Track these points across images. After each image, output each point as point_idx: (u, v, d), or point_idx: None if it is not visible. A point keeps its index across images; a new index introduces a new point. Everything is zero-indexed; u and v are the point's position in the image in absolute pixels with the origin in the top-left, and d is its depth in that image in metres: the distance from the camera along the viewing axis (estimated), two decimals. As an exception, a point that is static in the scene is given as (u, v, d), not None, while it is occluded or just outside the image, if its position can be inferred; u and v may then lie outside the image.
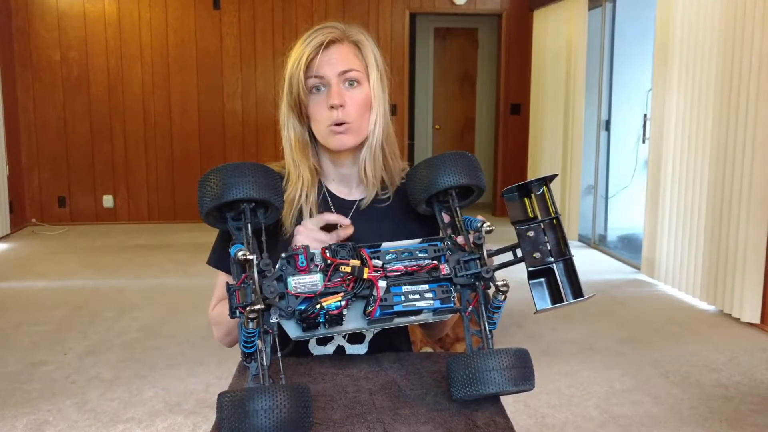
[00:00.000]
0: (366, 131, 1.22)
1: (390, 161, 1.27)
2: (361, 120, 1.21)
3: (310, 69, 1.17)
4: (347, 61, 1.18)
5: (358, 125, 1.20)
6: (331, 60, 1.17)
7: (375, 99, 1.22)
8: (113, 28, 6.59)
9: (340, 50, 1.18)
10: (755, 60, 3.55)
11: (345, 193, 1.29)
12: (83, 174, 6.75)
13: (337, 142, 1.20)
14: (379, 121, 1.22)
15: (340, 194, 1.29)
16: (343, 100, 1.17)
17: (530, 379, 1.00)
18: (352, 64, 1.19)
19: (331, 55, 1.17)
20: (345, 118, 1.18)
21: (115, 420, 2.62)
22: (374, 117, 1.22)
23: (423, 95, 8.11)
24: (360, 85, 1.20)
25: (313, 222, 1.16)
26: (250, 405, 0.84)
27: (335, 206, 1.27)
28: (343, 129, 1.19)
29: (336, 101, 1.16)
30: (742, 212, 3.67)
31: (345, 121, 1.18)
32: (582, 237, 6.13)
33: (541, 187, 1.07)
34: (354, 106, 1.19)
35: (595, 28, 5.85)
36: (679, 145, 4.35)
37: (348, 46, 1.20)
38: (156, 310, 4.03)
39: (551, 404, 2.76)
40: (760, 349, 3.38)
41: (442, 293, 1.03)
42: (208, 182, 0.99)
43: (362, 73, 1.20)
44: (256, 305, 0.91)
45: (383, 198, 1.28)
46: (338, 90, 1.17)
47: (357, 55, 1.20)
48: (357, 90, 1.19)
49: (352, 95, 1.19)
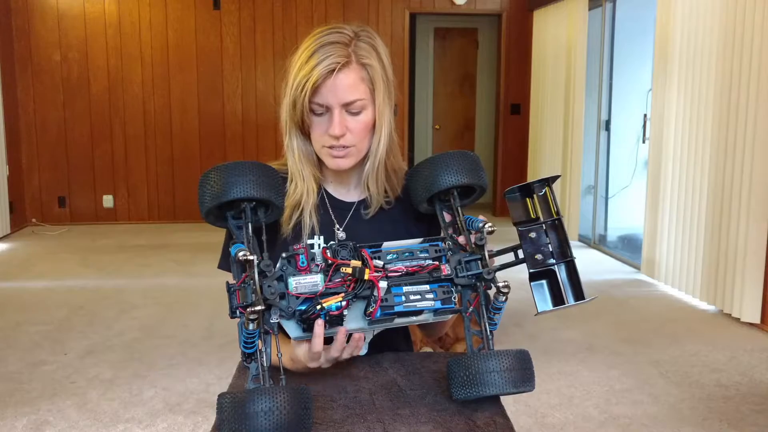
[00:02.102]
0: (365, 150, 1.20)
1: (392, 173, 1.25)
2: (362, 143, 1.18)
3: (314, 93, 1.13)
4: (353, 90, 1.13)
5: (358, 149, 1.18)
6: (336, 88, 1.12)
7: (379, 120, 1.18)
8: (113, 28, 6.59)
9: (347, 77, 1.12)
10: (755, 60, 3.55)
11: (343, 194, 1.28)
12: (83, 174, 6.75)
13: (334, 165, 1.19)
14: (383, 140, 1.19)
15: (338, 195, 1.28)
16: (344, 130, 1.14)
17: (530, 380, 0.99)
18: (358, 93, 1.14)
19: (337, 82, 1.12)
20: (344, 143, 1.16)
21: (115, 420, 2.62)
22: (378, 139, 1.19)
23: (423, 95, 8.10)
24: (365, 110, 1.16)
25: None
26: (251, 407, 0.84)
27: (333, 208, 1.27)
28: (341, 153, 1.17)
29: (336, 132, 1.13)
30: (742, 212, 3.67)
31: (344, 146, 1.16)
32: (582, 237, 6.13)
33: (543, 188, 1.07)
34: (355, 132, 1.16)
35: (595, 28, 5.85)
36: (679, 145, 4.34)
37: (355, 70, 1.14)
38: (156, 310, 4.03)
39: (551, 404, 2.76)
40: (760, 349, 3.38)
41: (443, 294, 1.03)
42: (208, 181, 0.98)
43: (368, 100, 1.16)
44: (257, 306, 0.90)
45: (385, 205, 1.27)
46: (340, 120, 1.14)
47: (364, 78, 1.15)
48: (361, 116, 1.16)
49: (354, 122, 1.15)
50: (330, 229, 1.25)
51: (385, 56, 1.19)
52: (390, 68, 1.21)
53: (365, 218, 1.26)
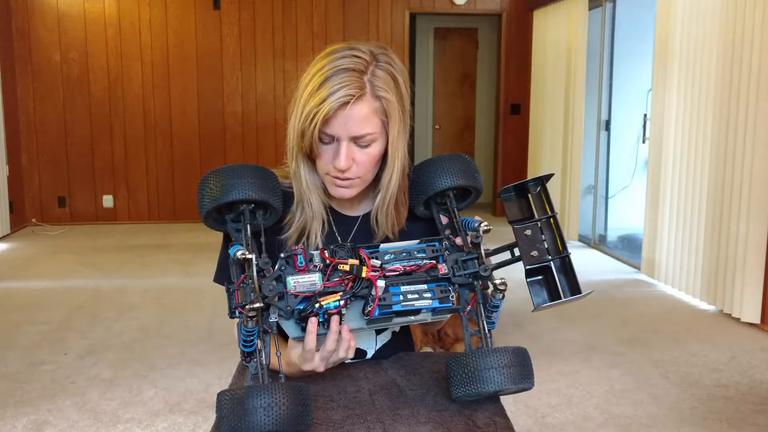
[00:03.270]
0: (370, 180, 1.15)
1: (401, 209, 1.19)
2: (367, 174, 1.13)
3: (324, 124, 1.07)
4: (364, 124, 1.07)
5: (365, 179, 1.14)
6: (347, 121, 1.06)
7: (392, 154, 1.12)
8: (113, 28, 6.59)
9: (360, 111, 1.06)
10: (755, 60, 3.55)
11: (347, 208, 1.24)
12: (83, 174, 6.75)
13: (337, 194, 1.14)
14: (396, 175, 1.13)
15: (342, 210, 1.24)
16: (350, 163, 1.09)
17: (529, 377, 1.00)
18: (369, 127, 1.07)
19: (348, 114, 1.05)
20: (349, 176, 1.11)
21: (115, 420, 2.62)
22: (390, 172, 1.13)
23: (423, 95, 8.10)
24: (375, 142, 1.10)
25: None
26: (249, 402, 0.84)
27: (337, 224, 1.23)
28: (345, 184, 1.12)
29: (342, 166, 1.08)
30: (742, 212, 3.67)
31: (348, 178, 1.11)
32: (582, 237, 6.13)
33: (537, 186, 1.08)
34: (361, 165, 1.10)
35: (595, 28, 5.85)
36: (679, 145, 4.34)
37: (370, 102, 1.07)
38: (156, 310, 4.03)
39: (551, 404, 2.76)
40: (760, 349, 3.37)
41: (440, 293, 1.03)
42: (207, 184, 0.99)
43: (378, 133, 1.09)
44: (255, 303, 0.91)
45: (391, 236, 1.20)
46: (347, 153, 1.08)
47: (377, 111, 1.08)
48: (370, 149, 1.10)
49: (362, 154, 1.10)
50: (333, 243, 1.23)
51: (403, 84, 1.12)
52: (408, 96, 1.14)
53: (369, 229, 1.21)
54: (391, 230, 1.18)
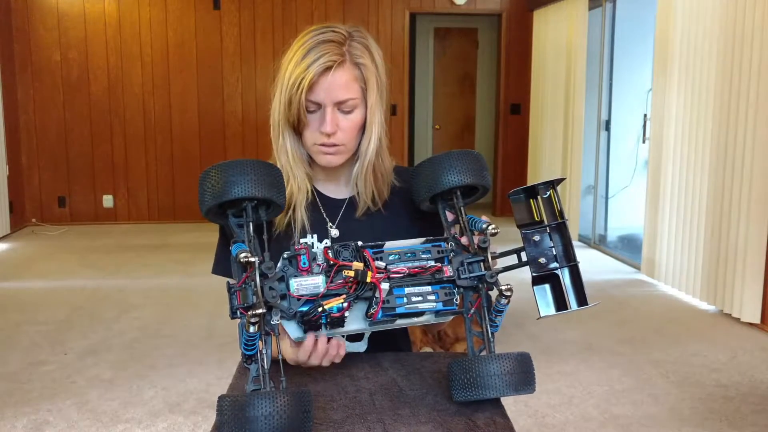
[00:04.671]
0: (354, 149, 1.22)
1: (380, 177, 1.25)
2: (352, 142, 1.20)
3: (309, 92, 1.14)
4: (346, 89, 1.15)
5: (349, 147, 1.20)
6: (330, 87, 1.14)
7: (370, 121, 1.19)
8: (113, 28, 6.59)
9: (342, 77, 1.14)
10: (755, 60, 3.55)
11: (333, 191, 1.29)
12: (83, 174, 6.75)
13: (325, 162, 1.21)
14: (373, 141, 1.21)
15: (328, 192, 1.29)
16: (335, 128, 1.16)
17: (531, 383, 0.99)
18: (351, 92, 1.15)
19: (331, 81, 1.13)
20: (336, 141, 1.17)
21: (115, 420, 2.62)
22: (368, 138, 1.20)
23: (423, 95, 8.10)
24: (356, 109, 1.17)
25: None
26: (251, 411, 0.84)
27: (324, 206, 1.27)
28: (332, 151, 1.19)
29: (328, 130, 1.15)
30: (742, 212, 3.67)
31: (335, 144, 1.18)
32: (582, 237, 6.13)
33: (547, 190, 1.05)
34: (347, 131, 1.18)
35: (595, 28, 5.85)
36: (679, 145, 4.34)
37: (349, 69, 1.15)
38: (156, 310, 4.03)
39: (551, 404, 2.76)
40: (760, 349, 3.38)
41: (444, 295, 1.02)
42: (209, 179, 0.96)
43: (359, 99, 1.17)
44: (258, 309, 0.90)
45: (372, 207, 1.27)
46: (332, 117, 1.15)
47: (357, 78, 1.16)
48: (352, 115, 1.17)
49: (346, 120, 1.17)
50: (323, 226, 1.25)
51: (378, 57, 1.20)
52: (383, 69, 1.21)
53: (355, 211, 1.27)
54: (371, 199, 1.24)
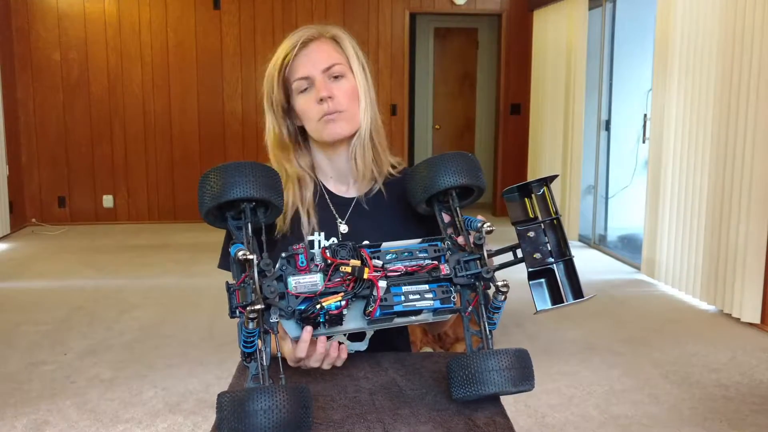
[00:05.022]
0: (358, 120, 1.24)
1: (380, 151, 1.28)
2: (352, 108, 1.23)
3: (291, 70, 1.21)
4: (328, 57, 1.21)
5: (350, 114, 1.23)
6: (312, 59, 1.20)
7: (360, 89, 1.24)
8: (113, 28, 6.59)
9: (320, 47, 1.21)
10: (755, 60, 3.55)
11: (343, 191, 1.30)
12: (83, 174, 6.75)
13: (331, 131, 1.22)
14: (368, 110, 1.24)
15: (337, 192, 1.30)
16: (331, 92, 1.20)
17: (530, 379, 0.99)
18: (334, 59, 1.21)
19: (311, 54, 1.20)
20: (336, 107, 1.20)
21: (115, 420, 2.62)
22: (362, 107, 1.24)
23: (423, 95, 8.10)
24: (345, 77, 1.22)
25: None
26: (250, 405, 0.84)
27: (333, 204, 1.28)
28: (335, 117, 1.21)
29: (324, 93, 1.19)
30: (742, 212, 3.67)
31: (336, 110, 1.20)
32: (582, 237, 6.13)
33: (541, 187, 1.07)
34: (343, 96, 1.21)
35: (595, 28, 5.85)
36: (679, 145, 4.34)
37: (326, 42, 1.22)
38: (156, 310, 4.03)
39: (551, 404, 2.76)
40: (760, 349, 3.37)
41: (442, 293, 1.03)
42: (208, 181, 0.98)
43: (345, 66, 1.22)
44: (256, 305, 0.90)
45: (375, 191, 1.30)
46: (325, 84, 1.20)
47: (336, 49, 1.23)
48: (343, 81, 1.22)
49: (338, 87, 1.21)
50: (332, 223, 1.26)
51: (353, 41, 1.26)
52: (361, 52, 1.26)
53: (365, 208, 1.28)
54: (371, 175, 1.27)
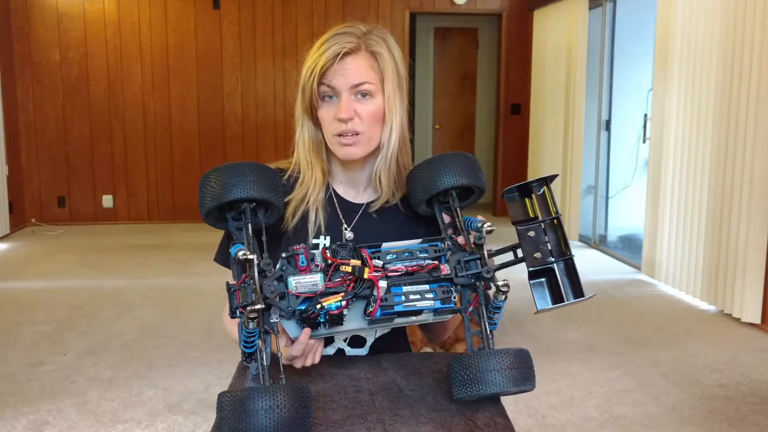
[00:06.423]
0: (376, 141, 1.20)
1: (402, 172, 1.24)
2: (372, 131, 1.18)
3: (323, 77, 1.15)
4: (361, 74, 1.15)
5: (368, 137, 1.18)
6: (344, 72, 1.14)
7: (389, 111, 1.18)
8: (113, 27, 6.59)
9: (356, 62, 1.15)
10: (755, 60, 3.55)
11: (352, 196, 1.28)
12: (83, 174, 6.75)
13: (343, 153, 1.19)
14: (395, 132, 1.19)
15: (347, 197, 1.28)
16: (352, 113, 1.15)
17: (531, 379, 0.99)
18: (366, 77, 1.15)
19: (345, 66, 1.14)
20: (354, 128, 1.16)
21: (115, 420, 2.62)
22: (389, 129, 1.19)
23: (423, 95, 8.10)
24: (372, 97, 1.16)
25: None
26: (250, 404, 0.84)
27: (341, 208, 1.26)
28: (350, 141, 1.17)
29: (344, 115, 1.14)
30: (742, 212, 3.67)
31: (354, 131, 1.16)
32: (582, 237, 6.13)
33: (541, 187, 1.07)
34: (364, 118, 1.16)
35: (595, 28, 5.85)
36: (679, 145, 4.34)
37: (364, 57, 1.16)
38: (156, 310, 4.03)
39: (551, 404, 2.76)
40: (760, 349, 3.37)
41: (442, 293, 1.03)
42: (208, 182, 0.99)
43: (376, 86, 1.17)
44: (257, 305, 0.90)
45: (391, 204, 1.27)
46: (347, 103, 1.15)
47: (373, 66, 1.17)
48: (369, 102, 1.16)
49: (363, 107, 1.16)
50: (337, 228, 1.25)
51: (396, 51, 1.20)
52: (402, 64, 1.21)
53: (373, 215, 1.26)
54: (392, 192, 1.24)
